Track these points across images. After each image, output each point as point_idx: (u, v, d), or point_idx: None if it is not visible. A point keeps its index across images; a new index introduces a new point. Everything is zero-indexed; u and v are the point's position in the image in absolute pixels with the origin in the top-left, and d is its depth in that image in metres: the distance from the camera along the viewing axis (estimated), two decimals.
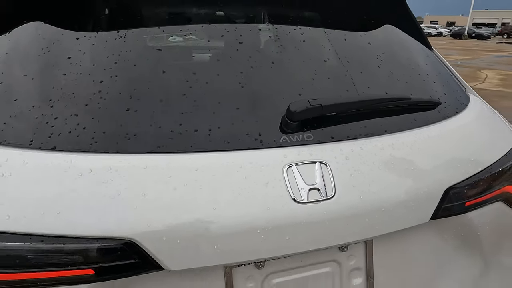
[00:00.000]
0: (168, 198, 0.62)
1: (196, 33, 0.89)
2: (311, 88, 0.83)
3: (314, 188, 0.68)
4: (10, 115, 0.68)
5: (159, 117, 0.69)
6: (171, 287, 0.65)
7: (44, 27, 0.80)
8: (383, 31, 1.09)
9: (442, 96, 0.97)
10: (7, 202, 0.58)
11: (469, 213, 0.83)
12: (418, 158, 0.80)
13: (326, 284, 0.78)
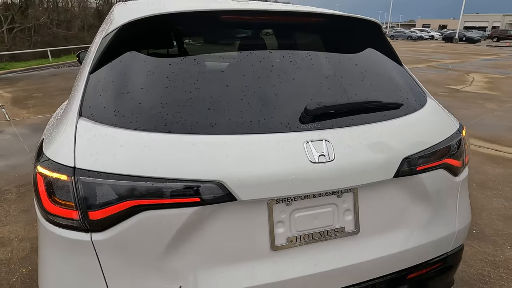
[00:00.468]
0: (240, 159, 1.06)
1: (248, 59, 1.34)
2: (318, 94, 1.29)
3: (321, 155, 1.13)
4: (138, 113, 1.12)
5: (230, 114, 1.14)
6: (239, 211, 1.10)
7: (149, 58, 1.26)
8: (366, 53, 1.55)
9: (406, 99, 1.43)
10: (152, 161, 1.03)
11: (419, 175, 1.29)
12: (386, 139, 1.26)
13: (328, 219, 1.23)
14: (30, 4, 44.42)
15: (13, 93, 8.43)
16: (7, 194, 3.39)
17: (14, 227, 2.84)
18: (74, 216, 1.02)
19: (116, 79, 1.20)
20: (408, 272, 1.36)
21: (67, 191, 1.02)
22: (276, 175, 1.09)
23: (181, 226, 1.04)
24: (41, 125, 5.49)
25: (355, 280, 1.27)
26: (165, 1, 1.76)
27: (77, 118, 1.13)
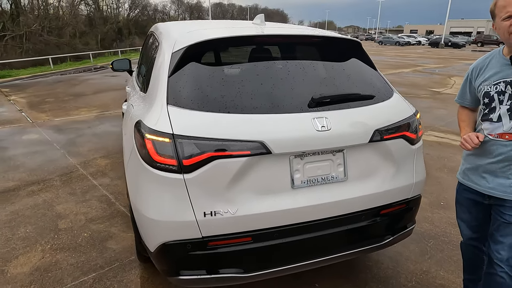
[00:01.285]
0: (273, 128, 1.72)
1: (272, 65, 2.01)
2: (319, 89, 1.96)
3: (323, 126, 1.79)
4: (207, 101, 1.77)
5: (265, 101, 1.80)
6: (272, 162, 1.75)
7: (208, 66, 1.92)
8: (351, 61, 2.23)
9: (378, 92, 2.11)
10: (219, 129, 1.68)
11: (386, 141, 1.96)
12: (363, 118, 1.93)
13: (327, 170, 1.88)
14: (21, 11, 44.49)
15: (26, 99, 8.98)
16: (52, 181, 3.99)
17: (67, 206, 3.45)
18: (173, 163, 1.67)
19: (188, 80, 1.86)
20: (381, 208, 2.03)
21: (168, 148, 1.67)
22: (295, 139, 1.75)
23: (237, 170, 1.69)
24: (63, 127, 6.12)
25: (345, 211, 1.92)
26: (204, 25, 2.44)
27: (166, 105, 1.78)
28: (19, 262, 2.61)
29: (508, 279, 1.80)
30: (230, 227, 1.74)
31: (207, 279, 1.81)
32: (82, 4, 57.42)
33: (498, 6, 1.58)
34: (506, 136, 1.71)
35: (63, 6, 53.20)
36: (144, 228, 1.89)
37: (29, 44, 43.76)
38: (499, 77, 1.72)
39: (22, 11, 45.18)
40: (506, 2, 1.54)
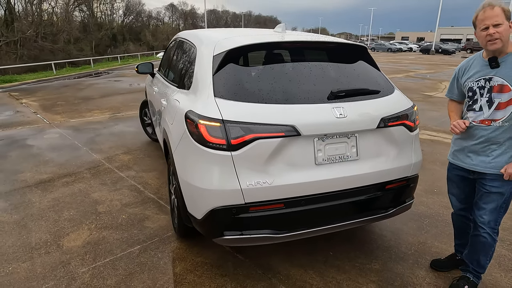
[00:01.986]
0: (302, 115, 2.15)
1: (297, 66, 2.45)
2: (336, 85, 2.39)
3: (340, 114, 2.23)
4: (247, 94, 2.20)
5: (294, 94, 2.23)
6: (300, 142, 2.17)
7: (245, 67, 2.35)
8: (358, 63, 2.68)
9: (382, 89, 2.56)
10: (259, 116, 2.10)
11: (390, 128, 2.41)
12: (372, 108, 2.37)
13: (343, 150, 2.31)
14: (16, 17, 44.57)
15: (38, 102, 9.31)
16: (82, 174, 4.37)
17: (101, 193, 3.84)
18: (223, 143, 2.08)
19: (229, 77, 2.29)
20: (386, 184, 2.46)
21: (219, 131, 2.09)
22: (319, 123, 2.18)
23: (274, 148, 2.12)
24: (80, 127, 6.50)
25: (357, 185, 2.35)
26: (234, 33, 2.87)
27: (214, 97, 2.20)
28: (71, 238, 2.99)
29: (490, 238, 2.24)
30: (267, 195, 2.16)
31: (246, 238, 2.22)
32: (76, 10, 57.85)
33: (478, 19, 2.03)
34: (486, 122, 2.16)
35: (57, 12, 53.55)
36: (194, 198, 2.30)
37: (24, 50, 43.86)
38: (480, 75, 2.17)
39: (16, 17, 45.35)
40: (484, 16, 1.99)
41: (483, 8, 1.98)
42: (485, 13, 1.97)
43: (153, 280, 2.48)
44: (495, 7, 1.94)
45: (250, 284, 2.44)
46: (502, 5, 1.95)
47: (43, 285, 2.43)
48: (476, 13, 2.05)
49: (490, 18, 1.95)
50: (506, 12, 1.95)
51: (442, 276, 2.56)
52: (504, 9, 1.94)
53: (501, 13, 1.94)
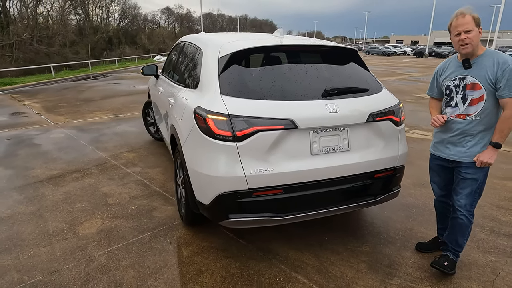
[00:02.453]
0: (299, 110, 2.41)
1: (294, 67, 2.72)
2: (329, 84, 2.67)
3: (333, 109, 2.50)
4: (250, 92, 2.46)
5: (292, 92, 2.50)
6: (297, 134, 2.43)
7: (247, 68, 2.62)
8: (350, 64, 2.96)
9: (371, 87, 2.83)
10: (261, 110, 2.37)
11: (377, 122, 2.68)
12: (361, 104, 2.64)
13: (335, 142, 2.57)
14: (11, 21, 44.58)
15: (40, 104, 9.52)
16: (90, 170, 4.61)
17: (110, 187, 4.08)
18: (229, 134, 2.34)
19: (234, 77, 2.56)
20: (375, 173, 2.73)
21: (225, 124, 2.35)
22: (314, 118, 2.45)
23: (274, 140, 2.38)
24: (84, 127, 6.74)
25: (348, 173, 2.62)
26: (237, 37, 3.14)
27: (220, 95, 2.47)
28: (85, 226, 3.22)
29: (466, 220, 2.51)
30: (268, 181, 2.42)
31: (249, 221, 2.48)
32: (72, 14, 57.96)
33: (452, 26, 2.32)
34: (461, 116, 2.44)
35: (53, 15, 53.64)
36: (202, 185, 2.55)
37: (19, 53, 43.88)
38: (455, 75, 2.45)
39: (11, 21, 45.38)
40: (456, 23, 2.28)
41: (456, 16, 2.27)
42: (457, 20, 2.26)
43: (164, 261, 2.73)
44: (466, 16, 2.23)
45: (253, 264, 2.70)
46: (472, 14, 2.23)
47: (64, 265, 2.66)
48: (450, 21, 2.33)
49: (462, 25, 2.24)
50: (475, 20, 2.23)
51: (425, 256, 2.82)
52: (474, 17, 2.23)
53: (471, 20, 2.22)
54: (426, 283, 2.52)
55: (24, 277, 2.54)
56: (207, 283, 2.49)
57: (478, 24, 2.26)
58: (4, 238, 3.02)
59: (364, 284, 2.50)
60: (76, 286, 2.45)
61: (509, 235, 3.14)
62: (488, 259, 2.80)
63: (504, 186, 4.21)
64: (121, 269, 2.62)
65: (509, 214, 3.53)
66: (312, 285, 2.48)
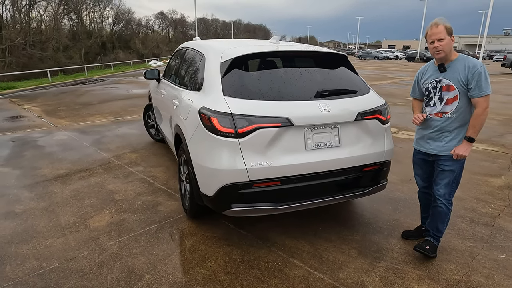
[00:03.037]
0: (294, 110, 2.68)
1: (289, 70, 3.00)
2: (321, 86, 2.94)
3: (325, 109, 2.78)
4: (250, 93, 2.73)
5: (288, 93, 2.77)
6: (293, 131, 2.70)
7: (247, 72, 2.89)
8: (340, 68, 3.24)
9: (360, 89, 3.12)
10: (260, 110, 2.63)
11: (365, 121, 2.96)
12: (350, 104, 2.92)
13: (327, 138, 2.84)
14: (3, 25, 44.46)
15: (40, 107, 9.69)
16: (96, 170, 4.83)
17: (116, 185, 4.30)
18: (232, 131, 2.60)
19: (235, 80, 2.82)
20: (363, 166, 3.01)
21: (228, 122, 2.60)
22: (308, 116, 2.72)
23: (272, 136, 2.64)
24: (85, 130, 6.95)
25: (339, 167, 2.88)
26: (236, 44, 3.41)
27: (223, 96, 2.73)
28: (95, 220, 3.45)
29: (445, 208, 2.79)
30: (266, 174, 2.68)
31: (249, 210, 2.73)
32: (65, 18, 57.97)
33: (428, 35, 2.61)
34: (439, 114, 2.73)
35: (46, 20, 53.62)
36: (207, 178, 2.80)
37: (12, 57, 43.78)
38: (432, 78, 2.75)
39: (4, 25, 45.30)
40: (431, 33, 2.58)
41: (431, 26, 2.57)
42: (431, 30, 2.56)
43: (171, 249, 2.96)
44: (439, 26, 2.53)
45: (253, 251, 2.95)
46: (445, 24, 2.53)
47: (79, 254, 2.89)
48: (426, 30, 2.63)
49: (435, 34, 2.54)
50: (447, 29, 2.53)
51: (410, 243, 3.09)
52: (446, 27, 2.53)
53: (444, 30, 2.52)
54: (410, 265, 2.79)
55: (43, 264, 2.76)
56: (212, 268, 2.74)
57: (450, 33, 2.56)
58: (20, 231, 3.24)
59: (354, 267, 2.76)
60: (92, 271, 2.67)
61: (486, 224, 3.43)
62: (466, 244, 3.08)
63: (485, 182, 4.52)
64: (132, 256, 2.86)
65: (488, 206, 3.83)
66: (307, 268, 2.74)
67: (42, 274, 2.64)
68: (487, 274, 2.69)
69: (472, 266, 2.78)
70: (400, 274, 2.68)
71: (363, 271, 2.71)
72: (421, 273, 2.70)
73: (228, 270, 2.71)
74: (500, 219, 3.53)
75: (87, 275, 2.63)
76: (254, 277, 2.62)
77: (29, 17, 49.36)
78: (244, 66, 2.98)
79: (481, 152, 5.76)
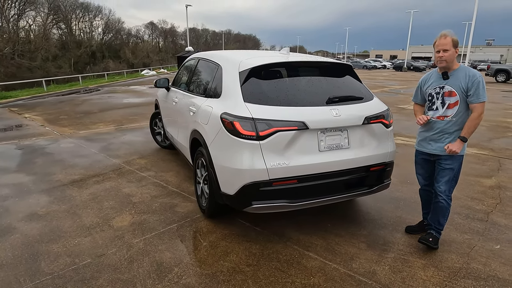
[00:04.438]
0: (309, 114, 2.95)
1: (302, 79, 3.28)
2: (332, 93, 3.23)
3: (336, 114, 3.06)
4: (268, 100, 3.00)
5: (302, 99, 3.05)
6: (308, 134, 2.96)
7: (264, 80, 3.17)
8: (346, 77, 3.54)
9: (365, 96, 3.42)
10: (278, 114, 2.90)
11: (371, 124, 3.25)
12: (358, 109, 3.21)
13: (338, 141, 3.12)
14: None
15: (41, 116, 9.79)
16: (109, 175, 5.01)
17: (131, 189, 4.49)
18: (253, 134, 2.85)
19: (254, 87, 3.09)
20: (370, 166, 3.28)
21: (250, 126, 2.86)
22: (321, 120, 2.99)
23: (290, 139, 2.90)
24: (91, 137, 7.13)
25: (349, 167, 3.15)
26: (251, 54, 3.69)
27: (244, 102, 2.99)
28: (118, 220, 3.64)
29: (445, 203, 3.08)
30: (285, 173, 2.93)
31: (269, 206, 2.98)
32: (54, 28, 57.79)
33: (436, 44, 2.93)
34: (441, 118, 3.03)
35: (35, 29, 53.39)
36: (229, 178, 3.04)
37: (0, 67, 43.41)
38: (436, 84, 3.06)
39: None
40: (439, 43, 2.90)
41: (440, 36, 2.90)
42: (440, 40, 2.89)
43: (194, 246, 3.18)
44: (447, 37, 2.86)
45: (270, 246, 3.18)
46: (453, 37, 2.86)
47: (108, 250, 3.08)
48: (435, 40, 2.95)
49: (442, 45, 2.87)
50: (454, 42, 2.86)
51: (413, 237, 3.37)
52: (453, 40, 2.85)
53: (450, 42, 2.84)
54: (415, 256, 3.05)
55: (76, 260, 2.94)
56: (235, 260, 2.96)
57: (456, 45, 2.88)
58: (47, 231, 3.41)
59: (365, 258, 3.01)
60: (123, 266, 2.87)
61: (481, 220, 3.73)
62: (464, 237, 3.37)
63: (478, 182, 4.85)
64: (159, 252, 3.06)
65: (481, 203, 4.14)
66: (322, 259, 2.98)
67: (77, 269, 2.82)
68: (485, 262, 2.97)
69: (471, 256, 3.06)
70: (407, 263, 2.95)
71: (373, 261, 2.97)
72: (425, 262, 2.97)
73: (250, 262, 2.93)
74: (493, 215, 3.84)
75: (119, 269, 2.82)
76: (275, 268, 2.85)
77: (18, 27, 49.12)
78: (261, 75, 3.25)
79: (472, 155, 6.12)
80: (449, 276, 2.78)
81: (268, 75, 3.32)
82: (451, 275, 2.79)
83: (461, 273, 2.83)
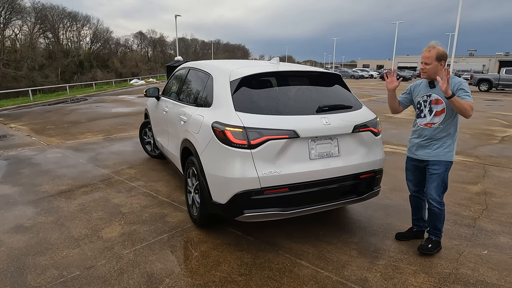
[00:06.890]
0: (300, 123, 2.98)
1: (292, 88, 3.32)
2: (321, 102, 3.28)
3: (326, 122, 3.10)
4: (259, 108, 3.02)
5: (292, 108, 3.08)
6: (298, 143, 2.99)
7: (254, 90, 3.20)
8: (335, 86, 3.60)
9: (354, 105, 3.47)
10: (269, 123, 2.92)
11: (361, 132, 3.30)
12: (347, 118, 3.26)
13: (328, 149, 3.15)
14: None
15: (27, 126, 9.63)
16: (97, 185, 4.94)
17: (120, 199, 4.44)
18: (245, 143, 2.86)
19: (244, 97, 3.11)
20: (360, 174, 3.32)
21: (241, 135, 2.87)
22: (312, 129, 3.03)
23: (281, 147, 2.92)
24: (79, 147, 7.03)
25: (339, 174, 3.18)
26: (242, 64, 3.72)
27: (235, 111, 3.00)
28: (107, 231, 3.58)
29: (438, 209, 3.13)
30: (276, 181, 2.94)
31: (261, 215, 2.98)
32: (41, 37, 57.23)
33: (422, 55, 3.01)
34: (428, 125, 3.10)
35: (21, 38, 52.78)
36: (220, 187, 3.03)
37: None
38: (424, 92, 3.14)
39: None
40: (424, 55, 2.98)
41: (427, 48, 2.98)
42: (425, 53, 2.98)
43: (185, 256, 3.14)
44: (431, 51, 2.94)
45: (262, 255, 3.17)
46: (439, 50, 2.94)
47: (97, 262, 3.02)
48: (423, 50, 3.03)
49: (425, 58, 2.96)
50: (438, 56, 2.93)
51: (404, 243, 3.40)
52: (438, 53, 2.93)
53: (434, 55, 2.93)
54: (406, 262, 3.08)
55: (64, 272, 2.88)
56: (227, 270, 2.94)
57: (440, 58, 2.95)
58: (33, 243, 3.33)
59: (356, 265, 3.03)
60: (113, 278, 2.82)
61: (468, 225, 3.79)
62: (453, 243, 3.42)
63: (464, 189, 4.94)
64: (149, 263, 3.02)
65: (468, 210, 4.22)
66: (314, 267, 2.98)
67: (65, 282, 2.76)
68: (473, 267, 3.02)
69: (459, 261, 3.11)
70: (398, 270, 2.97)
71: (364, 268, 2.98)
72: (416, 268, 2.99)
73: (242, 272, 2.92)
74: (480, 221, 3.91)
75: (109, 281, 2.77)
76: (267, 277, 2.84)
77: (3, 36, 48.51)
78: (252, 84, 3.27)
79: (458, 163, 6.24)
80: (439, 281, 2.81)
81: (259, 84, 3.35)
82: (441, 280, 2.82)
83: (451, 278, 2.86)
